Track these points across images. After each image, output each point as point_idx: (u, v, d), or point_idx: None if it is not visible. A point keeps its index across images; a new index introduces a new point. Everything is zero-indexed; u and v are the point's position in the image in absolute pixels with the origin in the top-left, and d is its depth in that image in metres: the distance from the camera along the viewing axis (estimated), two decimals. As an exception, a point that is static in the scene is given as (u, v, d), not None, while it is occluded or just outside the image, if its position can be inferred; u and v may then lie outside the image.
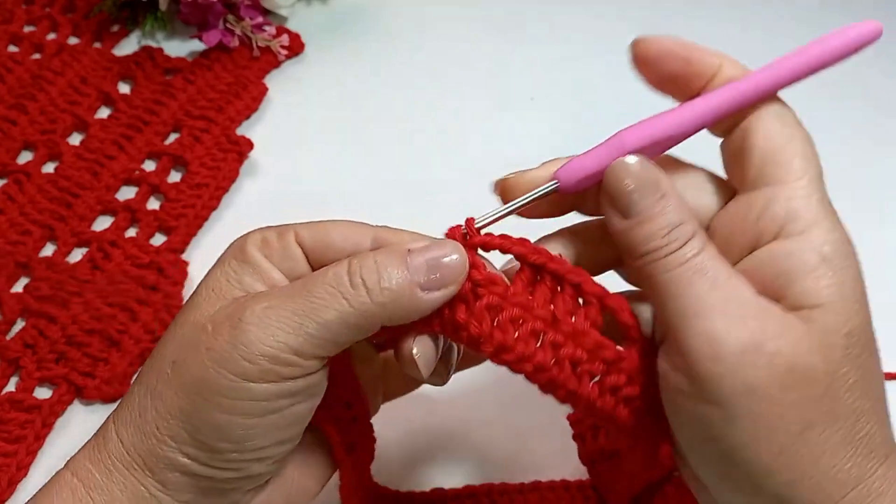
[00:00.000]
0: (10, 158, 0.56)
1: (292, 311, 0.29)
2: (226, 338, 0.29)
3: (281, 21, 0.66)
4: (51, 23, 0.64)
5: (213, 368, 0.29)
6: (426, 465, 0.44)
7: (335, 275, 0.30)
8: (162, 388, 0.30)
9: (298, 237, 0.32)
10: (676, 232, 0.29)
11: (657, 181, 0.30)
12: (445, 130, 0.60)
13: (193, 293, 0.32)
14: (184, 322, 0.31)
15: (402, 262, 0.30)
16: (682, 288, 0.29)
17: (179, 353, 0.30)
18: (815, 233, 0.29)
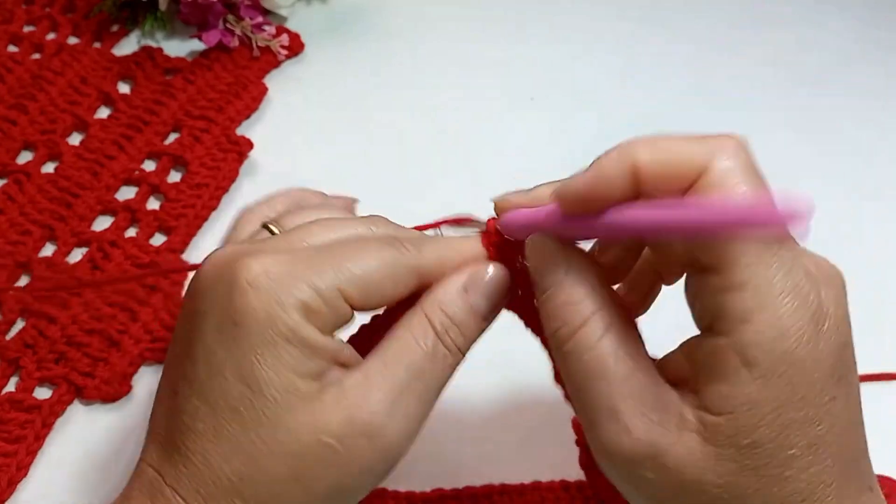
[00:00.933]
0: (10, 158, 0.56)
1: (414, 396, 0.30)
2: (368, 452, 0.30)
3: (281, 21, 0.66)
4: (51, 23, 0.64)
5: (360, 477, 0.30)
6: (426, 466, 0.44)
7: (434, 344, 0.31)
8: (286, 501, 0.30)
9: (346, 296, 0.30)
10: (570, 312, 0.28)
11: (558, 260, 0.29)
12: (445, 130, 0.60)
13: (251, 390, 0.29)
14: (276, 434, 0.29)
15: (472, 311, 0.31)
16: (579, 386, 0.28)
17: (304, 473, 0.29)
18: (742, 333, 0.26)
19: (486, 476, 0.43)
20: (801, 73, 0.64)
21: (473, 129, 0.60)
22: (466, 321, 0.31)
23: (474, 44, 0.65)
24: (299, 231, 0.33)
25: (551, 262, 0.29)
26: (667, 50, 0.65)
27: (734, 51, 0.65)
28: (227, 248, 0.32)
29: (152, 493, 0.30)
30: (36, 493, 0.44)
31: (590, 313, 0.28)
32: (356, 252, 0.31)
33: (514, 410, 0.46)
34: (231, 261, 0.30)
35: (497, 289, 0.32)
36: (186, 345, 0.31)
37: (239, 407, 0.29)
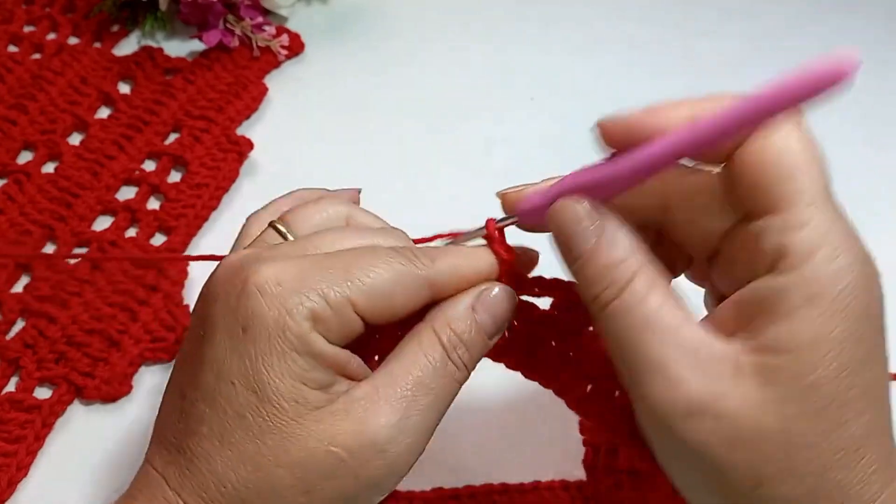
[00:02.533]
0: (10, 158, 0.56)
1: (423, 412, 0.31)
2: (378, 466, 0.30)
3: (281, 21, 0.66)
4: (51, 23, 0.64)
5: (366, 491, 0.30)
6: (426, 465, 0.43)
7: (442, 359, 0.31)
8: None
9: (357, 307, 0.30)
10: (615, 273, 0.28)
11: (593, 220, 0.29)
12: (445, 130, 0.60)
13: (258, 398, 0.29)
14: (284, 444, 0.29)
15: (478, 331, 0.32)
16: (626, 345, 0.28)
17: (312, 484, 0.29)
18: (806, 269, 0.26)
19: (486, 476, 0.43)
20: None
21: (473, 129, 0.60)
22: (473, 339, 0.32)
23: (474, 44, 0.65)
24: (313, 238, 0.33)
25: (584, 225, 0.29)
26: (667, 50, 0.65)
27: (734, 50, 0.65)
28: (239, 253, 0.32)
29: (155, 495, 0.30)
30: (36, 493, 0.44)
31: (633, 272, 0.28)
32: (368, 261, 0.31)
33: (514, 411, 0.46)
34: (242, 266, 0.30)
35: (503, 308, 0.32)
36: (196, 349, 0.31)
37: (246, 414, 0.29)
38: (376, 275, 0.30)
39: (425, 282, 0.31)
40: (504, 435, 0.45)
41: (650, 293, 0.28)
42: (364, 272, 0.30)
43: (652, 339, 0.27)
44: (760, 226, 0.28)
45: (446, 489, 0.42)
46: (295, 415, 0.29)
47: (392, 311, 0.31)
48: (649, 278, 0.28)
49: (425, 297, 0.31)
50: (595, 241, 0.28)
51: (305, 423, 0.29)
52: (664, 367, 0.27)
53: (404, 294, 0.31)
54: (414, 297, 0.31)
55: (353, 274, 0.30)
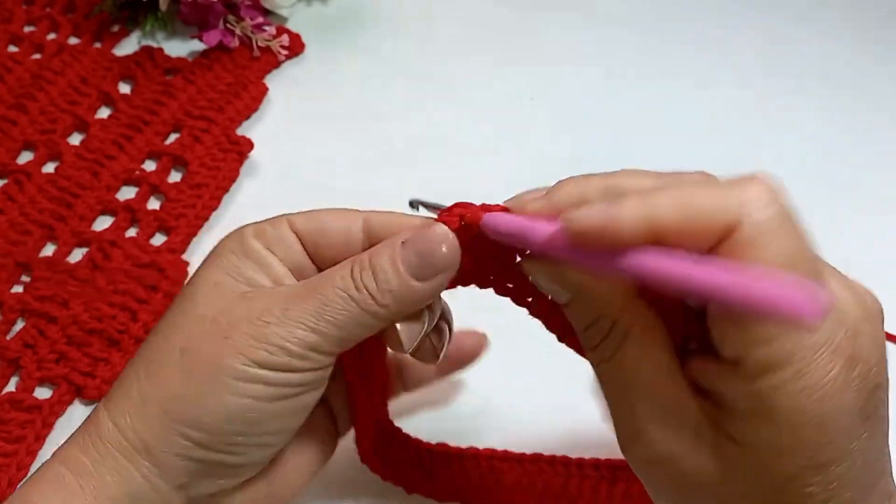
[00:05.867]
0: (10, 158, 0.56)
1: (309, 314, 0.31)
2: (245, 330, 0.30)
3: (281, 21, 0.66)
4: (51, 23, 0.64)
5: (231, 356, 0.30)
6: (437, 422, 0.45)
7: (342, 279, 0.31)
8: (168, 373, 0.31)
9: (293, 225, 0.33)
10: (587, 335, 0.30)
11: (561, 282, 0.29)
12: (445, 130, 0.60)
13: (190, 287, 0.33)
14: (186, 314, 0.32)
15: (395, 261, 0.31)
16: (604, 389, 0.30)
17: (190, 342, 0.31)
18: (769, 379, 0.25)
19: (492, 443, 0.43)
20: (800, 73, 0.64)
21: (473, 129, 0.60)
22: (384, 268, 0.31)
23: (474, 44, 0.65)
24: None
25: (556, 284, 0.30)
26: (667, 50, 0.65)
27: (734, 51, 0.65)
28: None
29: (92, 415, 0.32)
30: (36, 493, 0.44)
31: (602, 335, 0.29)
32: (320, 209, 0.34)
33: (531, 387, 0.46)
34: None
35: (432, 248, 0.31)
36: None
37: (173, 304, 0.33)
38: (319, 209, 0.34)
39: (359, 215, 0.33)
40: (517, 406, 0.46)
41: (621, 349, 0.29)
42: (312, 210, 0.34)
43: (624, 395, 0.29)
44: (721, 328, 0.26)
45: (451, 446, 0.42)
46: (208, 293, 0.32)
47: (323, 234, 0.33)
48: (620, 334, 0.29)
49: (357, 229, 0.33)
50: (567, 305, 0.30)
51: (212, 299, 0.32)
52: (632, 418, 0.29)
53: (336, 220, 0.33)
54: (345, 226, 0.33)
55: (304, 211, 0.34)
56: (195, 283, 0.33)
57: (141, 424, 0.31)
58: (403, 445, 0.42)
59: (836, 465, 0.26)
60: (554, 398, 0.45)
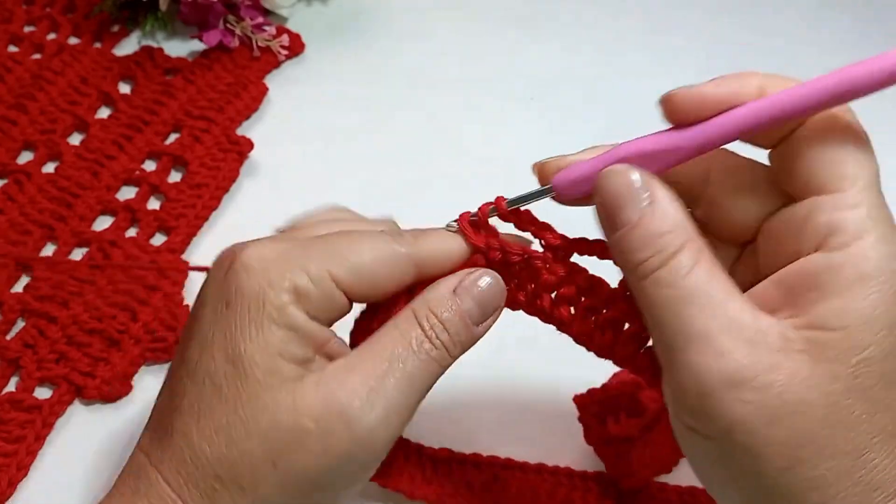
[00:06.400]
0: (10, 158, 0.56)
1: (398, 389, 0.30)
2: (344, 438, 0.29)
3: (281, 21, 0.66)
4: (51, 23, 0.64)
5: (336, 466, 0.30)
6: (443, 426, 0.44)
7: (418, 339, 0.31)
8: (265, 490, 0.30)
9: (338, 282, 0.31)
10: (663, 241, 0.28)
11: (642, 188, 0.28)
12: (445, 130, 0.60)
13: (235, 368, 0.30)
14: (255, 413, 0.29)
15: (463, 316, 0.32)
16: (670, 314, 0.27)
17: (280, 455, 0.29)
18: (858, 247, 0.27)
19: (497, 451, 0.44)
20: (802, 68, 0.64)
21: (473, 129, 0.60)
22: (454, 322, 0.31)
23: (474, 44, 0.65)
24: (304, 226, 0.34)
25: (636, 192, 0.28)
26: (668, 48, 0.65)
27: (734, 47, 0.65)
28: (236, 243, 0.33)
29: (139, 474, 0.31)
30: (36, 493, 0.44)
31: (682, 242, 0.28)
32: (351, 239, 0.31)
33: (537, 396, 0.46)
34: (233, 249, 0.31)
35: (488, 294, 0.32)
36: (187, 329, 0.32)
37: (222, 385, 0.30)
38: (359, 251, 0.31)
39: (408, 259, 0.32)
40: (525, 416, 0.46)
41: (697, 264, 0.28)
42: (347, 249, 0.31)
43: (697, 309, 0.27)
44: (811, 204, 0.28)
45: (455, 452, 0.42)
46: (268, 386, 0.29)
47: (375, 288, 0.31)
48: (697, 250, 0.28)
49: (410, 274, 0.32)
50: (646, 207, 0.28)
51: (277, 395, 0.29)
52: (709, 337, 0.27)
53: (386, 270, 0.31)
54: (397, 274, 0.32)
55: (337, 251, 0.31)
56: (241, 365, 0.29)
57: None
58: (405, 450, 0.42)
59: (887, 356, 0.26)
60: (560, 408, 0.45)
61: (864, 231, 0.27)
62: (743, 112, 0.28)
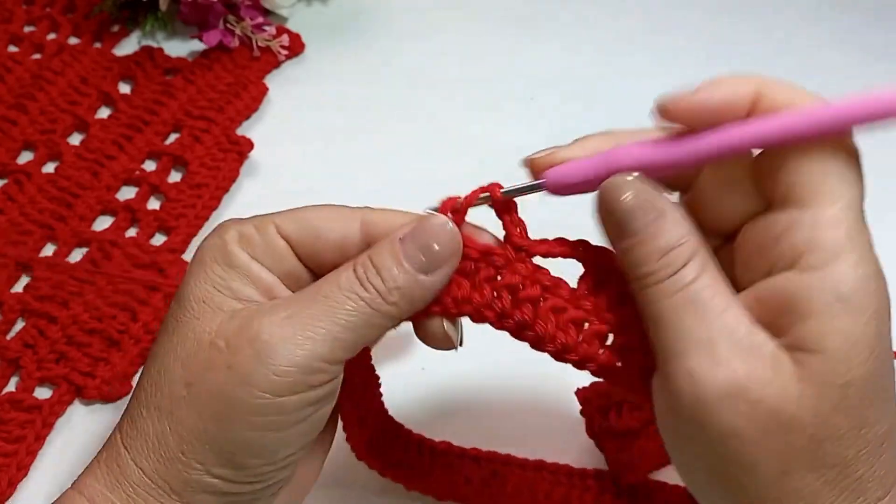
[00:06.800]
0: (10, 158, 0.56)
1: (315, 319, 0.29)
2: (249, 354, 0.29)
3: (281, 21, 0.66)
4: (51, 23, 0.64)
5: (239, 388, 0.29)
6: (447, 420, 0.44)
7: (347, 280, 0.30)
8: (180, 412, 0.30)
9: (281, 230, 0.32)
10: (671, 256, 0.28)
11: (652, 200, 0.29)
12: (445, 130, 0.60)
13: (178, 304, 0.31)
14: (183, 338, 0.30)
15: (398, 257, 0.30)
16: (671, 321, 0.28)
17: (194, 375, 0.30)
18: (836, 268, 0.26)
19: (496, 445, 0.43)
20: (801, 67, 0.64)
21: (473, 129, 0.60)
22: (389, 267, 0.30)
23: (474, 44, 0.65)
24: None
25: (643, 204, 0.28)
26: (668, 48, 0.65)
27: (734, 47, 0.65)
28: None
29: (110, 450, 0.31)
30: (36, 493, 0.44)
31: (690, 254, 0.28)
32: (310, 206, 0.33)
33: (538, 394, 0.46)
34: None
35: (433, 240, 0.31)
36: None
37: (168, 323, 0.31)
38: (308, 209, 0.32)
39: (355, 214, 0.32)
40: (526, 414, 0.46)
41: (702, 274, 0.28)
42: (300, 209, 0.32)
43: (699, 317, 0.27)
44: (789, 218, 0.27)
45: (455, 445, 0.42)
46: (198, 313, 0.30)
47: (317, 238, 0.32)
48: (703, 260, 0.28)
49: (355, 229, 0.32)
50: (654, 220, 0.28)
51: (204, 322, 0.30)
52: (710, 346, 0.27)
53: (330, 222, 0.32)
54: (341, 228, 0.32)
55: (289, 211, 0.32)
56: (182, 300, 0.31)
57: (164, 468, 0.30)
58: (405, 441, 0.42)
59: (890, 369, 0.27)
60: (561, 407, 0.45)
61: (842, 251, 0.26)
62: (738, 133, 0.28)
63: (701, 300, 0.27)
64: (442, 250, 0.31)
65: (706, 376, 0.27)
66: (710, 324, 0.27)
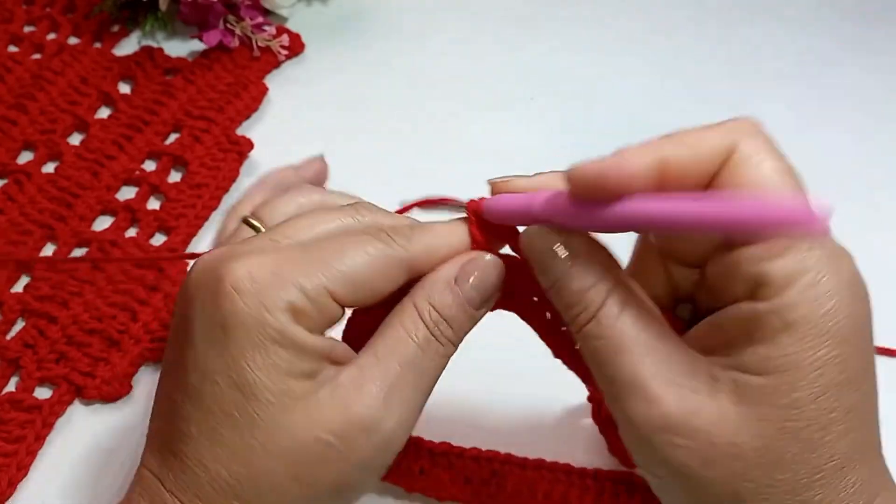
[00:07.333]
0: (10, 158, 0.56)
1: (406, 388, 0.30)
2: (367, 447, 0.30)
3: (281, 21, 0.66)
4: (51, 23, 0.64)
5: (358, 474, 0.30)
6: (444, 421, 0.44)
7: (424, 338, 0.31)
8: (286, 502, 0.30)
9: (335, 296, 0.30)
10: (587, 298, 0.28)
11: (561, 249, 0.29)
12: (445, 130, 0.60)
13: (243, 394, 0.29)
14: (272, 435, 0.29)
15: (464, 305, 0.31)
16: (602, 364, 0.28)
17: (301, 469, 0.30)
18: (786, 296, 0.26)
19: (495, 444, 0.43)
20: (802, 70, 0.64)
21: (473, 130, 0.60)
22: (456, 314, 0.31)
23: (474, 44, 0.65)
24: (283, 227, 0.33)
25: (554, 252, 0.29)
26: (668, 49, 0.65)
27: (735, 49, 0.65)
28: (212, 252, 0.32)
29: (153, 498, 0.30)
30: (36, 493, 0.44)
31: (605, 294, 0.28)
32: (343, 248, 0.31)
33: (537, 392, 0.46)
34: (215, 265, 0.30)
35: (487, 279, 0.32)
36: (178, 352, 0.31)
37: (233, 412, 0.29)
38: (352, 261, 0.30)
39: (402, 263, 0.31)
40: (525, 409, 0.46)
41: (623, 312, 0.28)
42: (339, 260, 0.30)
43: (627, 356, 0.28)
44: (740, 254, 0.28)
45: (454, 445, 0.42)
46: (282, 407, 0.29)
47: (371, 295, 0.31)
48: (622, 298, 0.29)
49: (404, 277, 0.32)
50: (566, 268, 0.29)
51: (293, 414, 0.29)
52: (638, 384, 0.27)
53: (381, 277, 0.31)
54: (392, 279, 0.31)
55: (329, 262, 0.30)
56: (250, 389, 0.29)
57: None
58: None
59: (853, 390, 0.27)
60: (560, 405, 0.45)
61: (790, 278, 0.26)
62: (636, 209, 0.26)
63: (627, 337, 0.28)
64: (494, 285, 0.32)
65: (641, 418, 0.27)
66: (637, 363, 0.28)
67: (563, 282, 0.29)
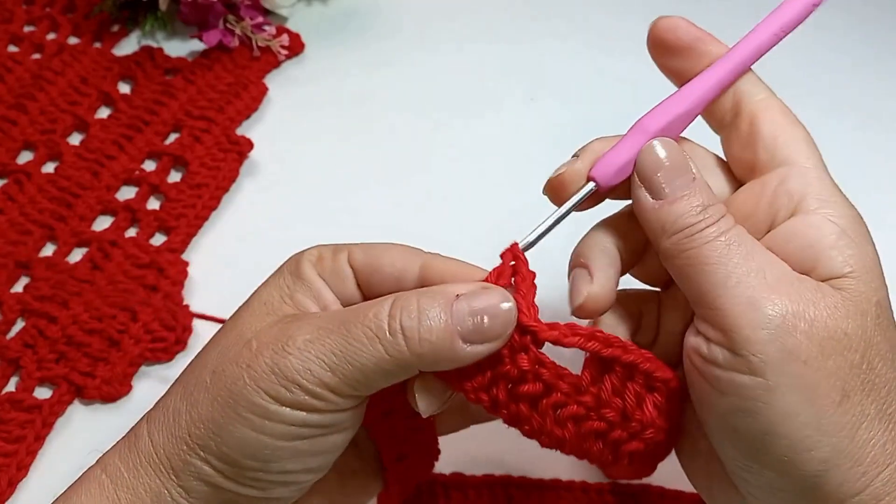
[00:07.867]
0: (10, 158, 0.56)
1: (330, 350, 0.29)
2: (267, 359, 0.29)
3: (281, 21, 0.66)
4: (51, 23, 0.64)
5: (249, 385, 0.29)
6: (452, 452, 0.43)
7: (375, 316, 0.29)
8: (199, 394, 0.30)
9: (351, 257, 0.33)
10: (710, 210, 0.30)
11: (687, 162, 0.31)
12: (445, 130, 0.60)
13: (246, 301, 0.33)
14: (230, 330, 0.32)
15: (447, 308, 0.29)
16: (721, 258, 0.29)
17: (220, 364, 0.30)
18: (832, 209, 0.31)
19: (507, 468, 0.43)
20: (802, 70, 0.64)
21: (474, 129, 0.60)
22: (435, 319, 0.29)
23: (474, 44, 0.65)
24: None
25: (685, 165, 0.31)
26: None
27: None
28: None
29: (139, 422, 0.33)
30: (36, 493, 0.44)
31: (724, 210, 0.31)
32: (380, 242, 0.34)
33: None
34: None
35: (491, 313, 0.29)
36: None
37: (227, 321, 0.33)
38: (379, 244, 0.33)
39: (418, 256, 0.33)
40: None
41: (737, 225, 0.31)
42: (373, 243, 0.34)
43: (747, 253, 0.30)
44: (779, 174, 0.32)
45: (466, 475, 0.42)
46: (256, 311, 0.32)
47: (378, 270, 0.32)
48: (733, 219, 0.31)
49: (414, 271, 0.32)
50: (693, 179, 0.31)
51: (255, 319, 0.32)
52: (763, 274, 0.29)
53: (393, 256, 0.33)
54: (402, 265, 0.32)
55: (366, 243, 0.34)
56: (250, 298, 0.33)
57: (171, 445, 0.30)
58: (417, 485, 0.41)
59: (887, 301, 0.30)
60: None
61: (831, 196, 0.31)
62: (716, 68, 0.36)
63: (745, 240, 0.30)
64: (490, 328, 0.29)
65: (764, 300, 0.28)
66: (756, 259, 0.29)
67: (685, 193, 0.31)
